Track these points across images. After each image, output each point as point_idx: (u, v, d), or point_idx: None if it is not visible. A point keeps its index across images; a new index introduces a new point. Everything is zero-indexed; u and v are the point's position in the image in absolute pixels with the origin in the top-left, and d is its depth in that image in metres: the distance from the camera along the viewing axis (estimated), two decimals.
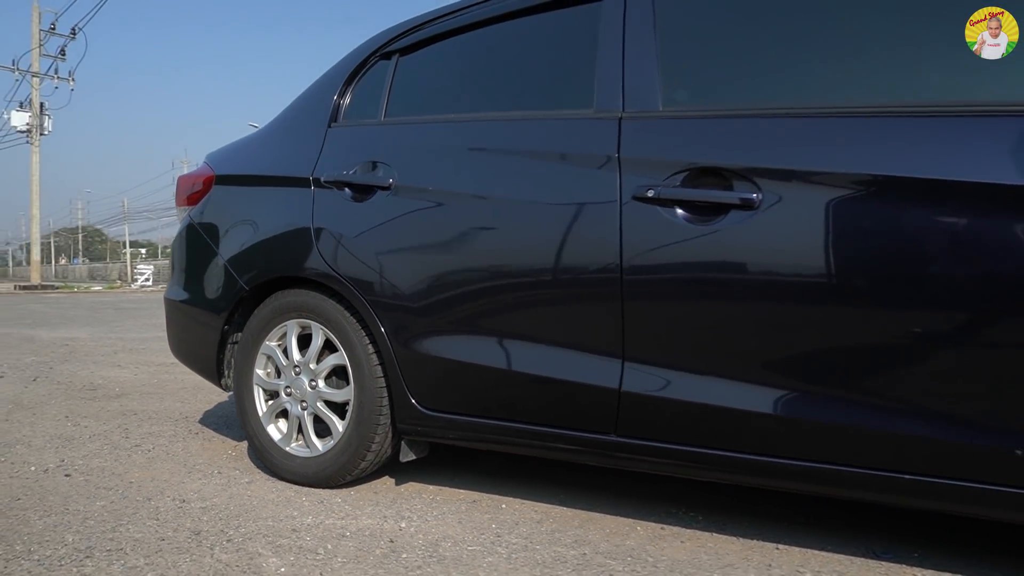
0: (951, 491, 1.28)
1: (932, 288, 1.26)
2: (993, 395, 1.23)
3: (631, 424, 1.55)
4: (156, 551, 1.56)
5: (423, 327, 1.80)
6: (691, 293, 1.47)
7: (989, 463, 1.24)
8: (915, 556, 1.56)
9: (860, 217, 1.32)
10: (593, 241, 1.56)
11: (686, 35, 1.63)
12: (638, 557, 1.55)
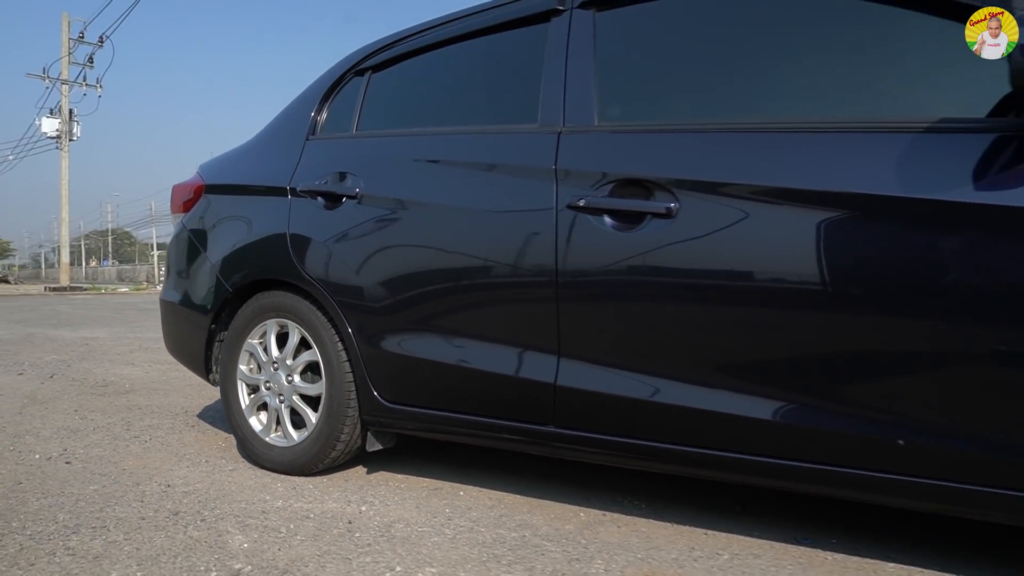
0: (849, 479, 1.38)
1: (827, 289, 1.37)
2: (873, 387, 1.34)
3: (566, 416, 1.68)
4: (136, 528, 1.72)
5: (383, 326, 1.95)
6: (616, 295, 1.59)
7: (877, 453, 1.34)
8: (833, 542, 1.66)
9: (762, 225, 1.43)
10: (532, 247, 1.69)
11: (621, 57, 1.76)
12: (573, 540, 1.68)
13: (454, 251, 1.84)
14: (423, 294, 1.88)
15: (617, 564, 1.53)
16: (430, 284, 1.87)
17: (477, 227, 1.80)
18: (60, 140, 23.32)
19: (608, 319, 1.61)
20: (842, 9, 1.49)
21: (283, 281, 2.19)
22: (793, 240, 1.39)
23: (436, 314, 1.85)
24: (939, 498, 1.32)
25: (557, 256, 1.65)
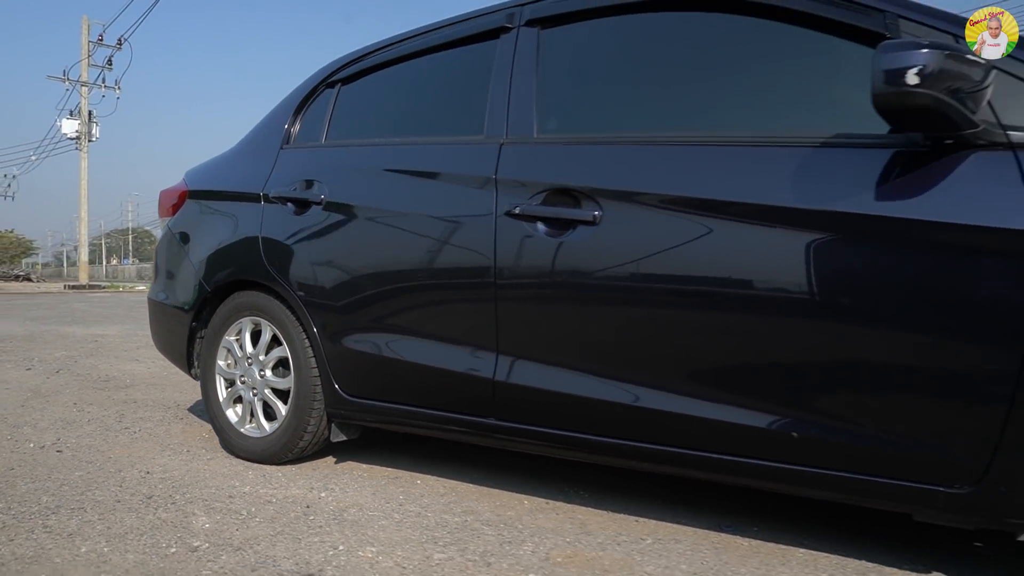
0: (751, 468, 1.49)
1: (728, 290, 1.47)
2: (768, 383, 1.45)
3: (504, 409, 1.80)
4: (111, 510, 1.87)
5: (343, 325, 2.08)
6: (548, 296, 1.71)
7: (776, 443, 1.45)
8: (754, 530, 1.77)
9: (672, 231, 1.54)
10: (475, 252, 1.81)
11: (561, 72, 1.87)
12: (511, 525, 1.80)
13: (406, 255, 1.96)
14: (378, 295, 2.01)
15: (545, 547, 1.65)
16: (384, 285, 2.00)
17: (427, 232, 1.93)
18: (79, 141, 23.81)
19: (541, 319, 1.73)
20: (753, 34, 1.60)
21: (256, 282, 2.33)
22: (698, 246, 1.50)
23: (390, 313, 1.98)
24: (832, 487, 1.42)
25: (495, 260, 1.76)
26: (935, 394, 1.30)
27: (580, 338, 1.67)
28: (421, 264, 1.93)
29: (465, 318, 1.84)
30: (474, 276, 1.81)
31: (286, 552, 1.60)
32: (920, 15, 1.40)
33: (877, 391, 1.35)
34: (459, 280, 1.85)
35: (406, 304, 1.96)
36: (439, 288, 1.90)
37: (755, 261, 1.45)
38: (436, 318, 1.90)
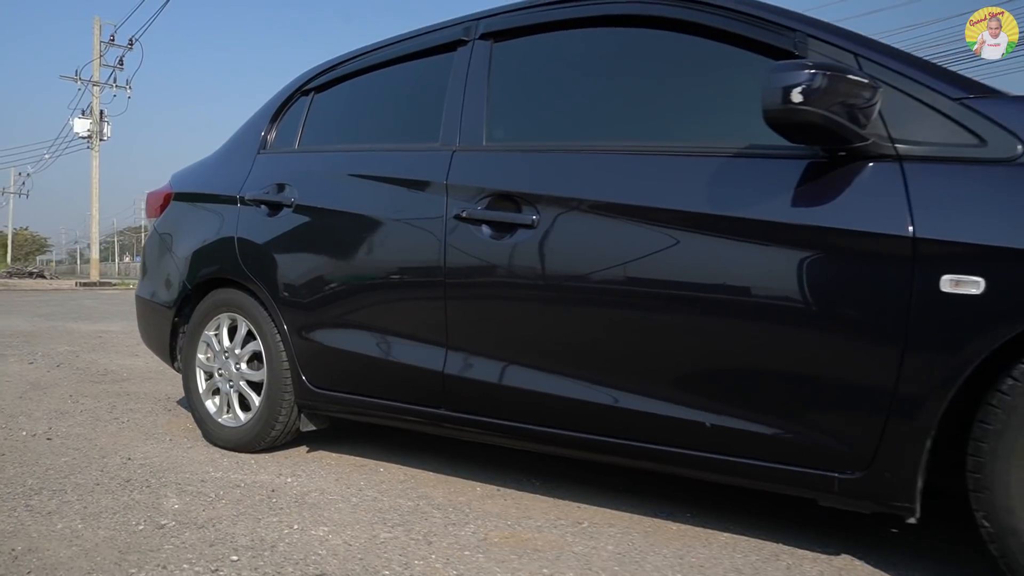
0: (670, 456, 1.60)
1: (652, 290, 1.58)
2: (689, 378, 1.55)
3: (453, 400, 1.91)
4: (89, 492, 2.01)
5: (309, 320, 2.20)
6: (491, 295, 1.83)
7: (692, 433, 1.56)
8: (687, 516, 1.88)
9: (603, 234, 1.65)
10: (427, 253, 1.93)
11: (510, 84, 1.99)
12: (459, 509, 1.91)
13: (366, 255, 2.09)
14: (341, 292, 2.13)
15: (486, 528, 1.77)
16: (346, 284, 2.12)
17: (386, 235, 2.05)
18: (91, 140, 24.14)
19: (485, 316, 1.85)
20: (681, 50, 1.70)
21: (233, 280, 2.46)
22: (623, 249, 1.61)
23: (351, 310, 2.11)
24: (743, 474, 1.52)
25: (445, 261, 1.88)
26: (828, 387, 1.40)
27: (519, 335, 1.79)
28: (379, 264, 2.05)
29: (418, 315, 1.96)
30: (426, 276, 1.93)
31: (245, 530, 1.73)
32: (826, 34, 1.50)
33: (778, 385, 1.45)
34: (413, 279, 1.97)
35: (366, 302, 2.08)
36: (395, 287, 2.02)
37: (674, 264, 1.56)
38: (392, 315, 2.03)
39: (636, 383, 1.62)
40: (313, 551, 1.61)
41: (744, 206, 1.48)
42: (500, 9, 2.06)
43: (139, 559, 1.54)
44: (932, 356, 1.29)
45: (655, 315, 1.58)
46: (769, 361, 1.46)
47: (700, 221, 1.52)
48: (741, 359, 1.49)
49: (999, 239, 1.24)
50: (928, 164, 1.34)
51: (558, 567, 1.54)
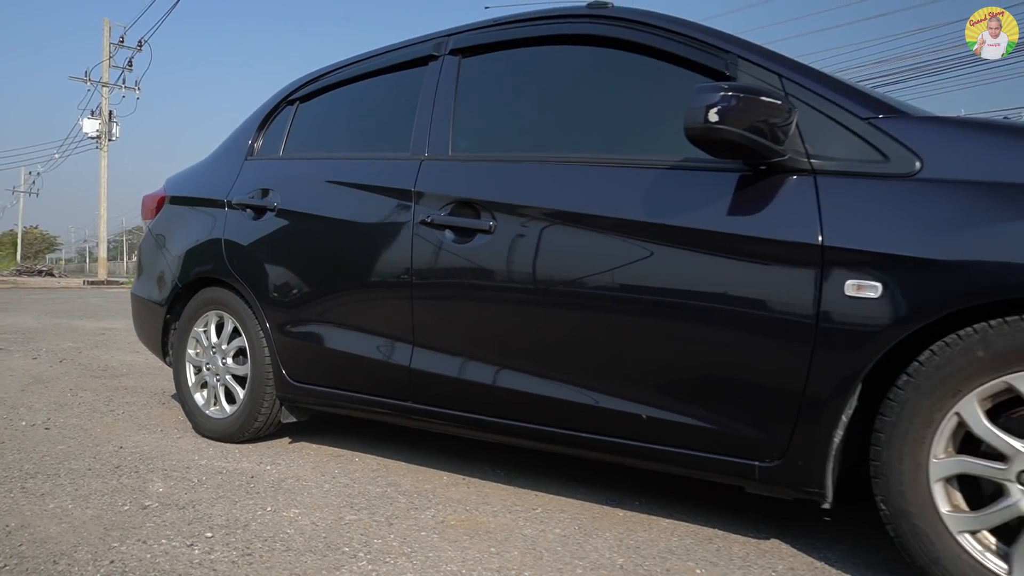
0: (612, 446, 1.73)
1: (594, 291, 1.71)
2: (629, 374, 1.68)
3: (419, 393, 2.05)
4: (81, 476, 2.15)
5: (289, 318, 2.34)
6: (452, 296, 1.96)
7: (629, 424, 1.68)
8: (635, 504, 2.00)
9: (551, 239, 1.78)
10: (396, 256, 2.07)
11: (475, 97, 2.12)
12: (423, 495, 2.05)
13: (341, 258, 2.22)
14: (317, 292, 2.27)
15: (444, 513, 1.90)
16: (322, 284, 2.26)
17: (359, 238, 2.19)
18: (100, 140, 24.41)
19: (447, 315, 1.98)
20: (629, 68, 1.83)
21: (220, 279, 2.60)
22: (570, 252, 1.74)
23: (327, 309, 2.24)
24: (677, 462, 1.65)
25: (412, 264, 2.02)
26: (747, 382, 1.52)
27: (477, 332, 1.92)
28: (353, 266, 2.19)
29: (387, 313, 2.10)
30: (395, 277, 2.06)
31: (222, 511, 1.87)
32: (755, 56, 1.63)
33: (705, 380, 1.58)
34: (383, 280, 2.11)
35: (340, 301, 2.22)
36: (367, 287, 2.16)
37: (613, 269, 1.68)
38: (364, 313, 2.16)
39: (580, 378, 1.75)
40: (282, 530, 1.75)
41: (677, 215, 1.61)
42: (468, 26, 2.19)
43: (121, 535, 1.68)
44: (837, 355, 1.41)
45: (596, 315, 1.71)
46: (697, 358, 1.58)
47: (637, 228, 1.65)
48: (672, 356, 1.62)
49: (894, 248, 1.36)
50: (838, 178, 1.46)
51: (505, 547, 1.67)
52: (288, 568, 1.52)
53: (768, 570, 1.56)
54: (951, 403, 1.31)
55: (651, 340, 1.64)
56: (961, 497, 1.35)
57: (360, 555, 1.60)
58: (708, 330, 1.56)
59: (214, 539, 1.68)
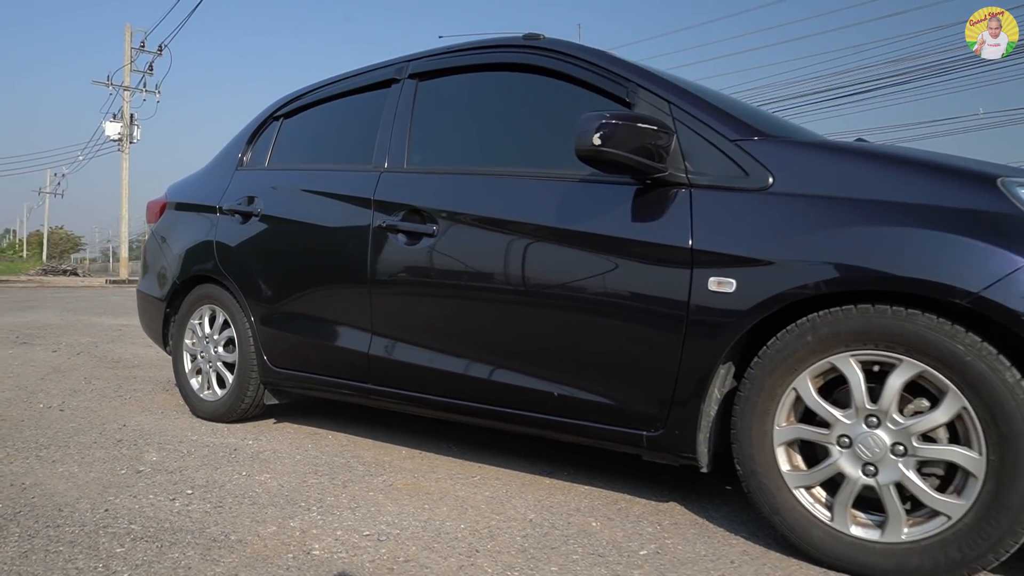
0: (533, 420, 2.00)
1: (517, 286, 1.99)
2: (543, 357, 1.96)
3: (376, 376, 2.34)
4: (87, 448, 2.47)
5: (269, 311, 2.65)
6: (403, 291, 2.25)
7: (543, 401, 1.96)
8: (565, 474, 2.28)
9: (481, 242, 2.06)
10: (358, 256, 2.36)
11: (428, 117, 2.41)
12: (380, 465, 2.34)
13: (312, 258, 2.53)
14: (293, 288, 2.58)
15: (394, 478, 2.19)
16: (296, 281, 2.57)
17: (327, 240, 2.49)
18: (122, 143, 25.07)
19: (399, 308, 2.27)
20: (550, 93, 2.11)
21: (212, 277, 2.91)
22: (497, 254, 2.02)
23: (300, 303, 2.55)
24: (582, 433, 1.92)
25: (370, 263, 2.31)
26: (636, 363, 1.79)
27: (424, 322, 2.21)
28: (323, 265, 2.49)
29: (350, 306, 2.39)
30: (356, 275, 2.36)
31: (203, 475, 2.18)
32: (650, 85, 1.90)
33: (603, 361, 1.85)
34: (347, 278, 2.40)
35: (312, 296, 2.52)
36: (334, 284, 2.46)
37: (531, 267, 1.96)
38: (331, 306, 2.46)
39: (503, 360, 2.03)
40: (252, 489, 2.05)
41: (581, 221, 1.88)
42: (424, 53, 2.49)
43: (116, 491, 1.99)
44: (702, 340, 1.68)
45: (514, 307, 1.99)
46: (596, 342, 1.85)
47: (549, 233, 1.93)
48: (575, 340, 1.89)
49: (745, 250, 1.62)
50: (708, 191, 1.72)
51: (438, 505, 1.96)
52: (251, 516, 1.83)
53: (655, 524, 1.83)
54: (790, 380, 1.58)
55: (559, 327, 1.92)
56: (801, 459, 1.62)
57: (313, 508, 1.90)
58: (605, 319, 1.83)
59: (193, 495, 1.98)
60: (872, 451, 1.49)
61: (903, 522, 1.46)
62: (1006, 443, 1.35)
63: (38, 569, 1.48)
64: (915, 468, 1.46)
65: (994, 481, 1.37)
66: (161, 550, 1.60)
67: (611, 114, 1.69)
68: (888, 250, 1.47)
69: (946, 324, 1.41)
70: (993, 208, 1.43)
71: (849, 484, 1.52)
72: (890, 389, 1.47)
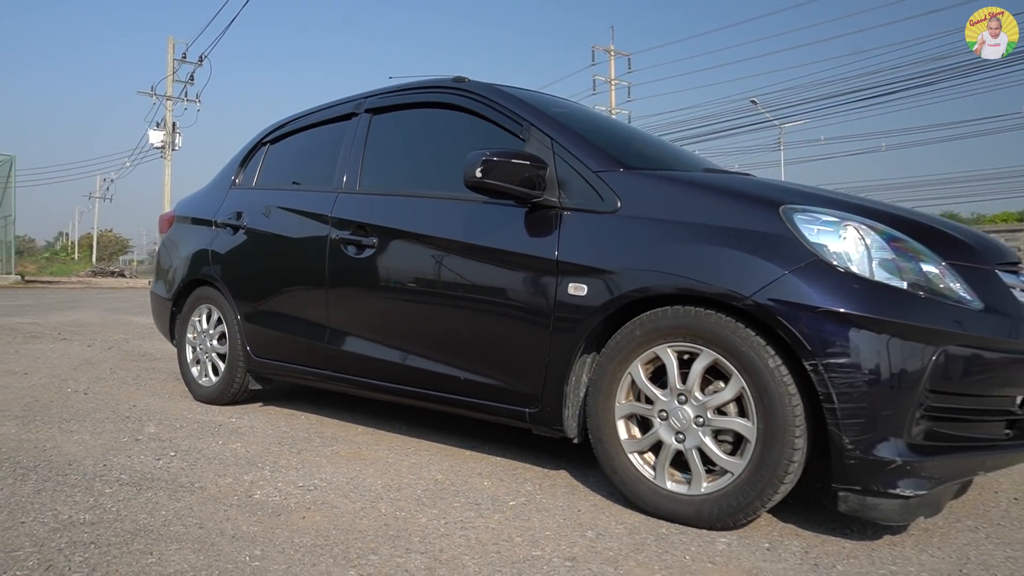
0: (448, 400, 2.43)
1: (432, 288, 2.42)
2: (455, 349, 2.38)
3: (332, 364, 2.80)
4: (100, 422, 2.98)
5: (251, 310, 3.14)
6: (352, 293, 2.70)
7: (455, 384, 2.38)
8: (486, 448, 2.69)
9: (408, 253, 2.50)
10: (318, 264, 2.82)
11: (377, 147, 2.86)
12: (334, 439, 2.79)
13: (283, 264, 3.01)
14: (268, 290, 3.06)
15: (342, 448, 2.64)
16: (271, 284, 3.04)
17: (296, 251, 2.96)
18: (164, 150, 26.29)
19: (349, 307, 2.72)
20: (467, 128, 2.53)
21: (208, 280, 3.42)
22: (420, 262, 2.46)
23: (274, 302, 3.03)
24: (483, 411, 2.33)
25: (327, 270, 2.77)
26: (519, 352, 2.20)
27: (366, 319, 2.66)
28: (291, 271, 2.96)
29: (312, 306, 2.86)
30: (317, 279, 2.82)
31: (187, 442, 2.66)
32: (539, 123, 2.31)
33: (497, 351, 2.26)
34: (310, 282, 2.87)
35: (282, 296, 3.00)
36: (299, 286, 2.93)
37: (444, 273, 2.39)
38: (297, 305, 2.93)
39: (424, 350, 2.46)
40: (223, 454, 2.52)
41: (483, 236, 2.30)
42: (377, 91, 2.94)
43: (115, 453, 2.49)
44: (563, 334, 2.08)
45: (432, 307, 2.42)
46: (491, 335, 2.27)
47: (456, 246, 2.36)
48: (476, 333, 2.31)
49: (594, 262, 2.02)
50: (574, 213, 2.13)
51: (368, 468, 2.39)
52: (215, 472, 2.29)
53: (536, 485, 2.24)
54: (626, 367, 1.97)
55: (464, 323, 2.34)
56: (637, 429, 2.00)
57: (266, 468, 2.36)
58: (497, 317, 2.25)
59: (175, 456, 2.47)
60: (681, 422, 1.87)
61: (703, 479, 1.85)
62: (769, 415, 1.73)
63: (47, 500, 1.97)
64: (712, 435, 1.84)
65: (761, 445, 1.74)
66: (139, 491, 2.07)
67: (491, 151, 2.11)
68: (692, 263, 1.86)
69: (730, 321, 1.79)
70: (771, 230, 1.80)
71: (666, 449, 1.90)
72: (694, 373, 1.86)
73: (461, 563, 1.62)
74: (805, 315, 1.68)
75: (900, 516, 1.67)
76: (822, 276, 1.71)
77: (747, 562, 1.65)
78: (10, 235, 19.94)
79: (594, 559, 1.66)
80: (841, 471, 1.67)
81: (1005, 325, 1.78)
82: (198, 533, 1.76)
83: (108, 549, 1.64)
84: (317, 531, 1.80)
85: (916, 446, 1.66)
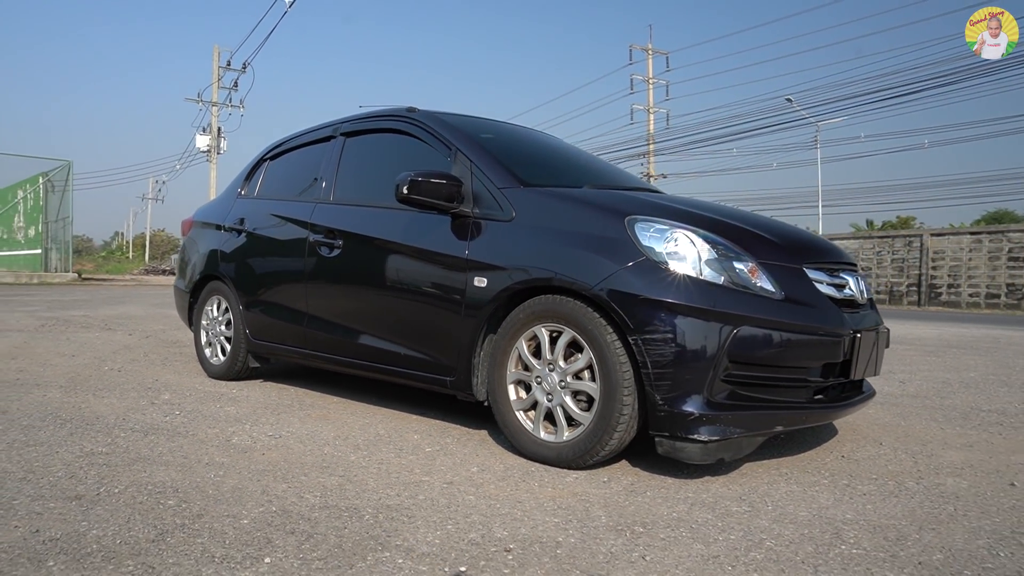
0: (393, 372, 2.99)
1: (382, 281, 2.98)
2: (398, 329, 2.94)
3: (310, 343, 3.39)
4: (126, 391, 3.65)
5: (249, 299, 3.77)
6: (324, 284, 3.30)
7: (395, 357, 2.93)
8: (432, 414, 3.24)
9: (364, 252, 3.07)
10: (299, 262, 3.42)
11: (348, 165, 3.45)
12: (312, 406, 3.38)
13: (272, 261, 3.63)
14: (262, 282, 3.68)
15: (314, 412, 3.23)
16: (264, 277, 3.67)
17: (282, 250, 3.57)
18: (210, 154, 27.64)
19: (321, 295, 3.32)
20: (408, 151, 3.09)
21: (217, 276, 4.06)
22: (373, 259, 3.03)
23: (267, 293, 3.65)
24: (417, 380, 2.88)
25: (306, 266, 3.37)
26: (442, 332, 2.74)
27: (335, 306, 3.24)
28: (279, 266, 3.58)
29: (295, 296, 3.46)
30: (298, 274, 3.42)
31: (192, 406, 3.29)
32: (464, 148, 2.84)
33: (427, 331, 2.81)
34: (293, 276, 3.48)
35: (272, 288, 3.61)
36: (285, 280, 3.54)
37: (388, 268, 2.95)
38: (284, 295, 3.54)
39: (378, 332, 3.04)
40: (216, 413, 3.14)
41: (418, 239, 2.85)
42: (350, 117, 3.53)
43: (133, 412, 3.13)
44: (471, 318, 2.61)
45: (378, 295, 2.99)
46: (422, 318, 2.82)
47: (397, 247, 2.92)
48: (411, 317, 2.87)
49: (493, 260, 2.56)
50: (482, 221, 2.66)
51: (327, 425, 2.97)
52: (207, 425, 2.91)
53: (457, 440, 2.78)
54: (514, 342, 2.50)
55: (404, 309, 2.90)
56: (524, 392, 2.53)
57: (247, 423, 2.96)
58: (426, 304, 2.80)
59: (179, 415, 3.09)
60: (550, 385, 2.39)
61: (564, 430, 2.37)
62: (606, 379, 2.23)
63: (76, 439, 2.61)
64: (571, 395, 2.36)
65: (601, 402, 2.25)
66: (145, 436, 2.70)
67: (416, 172, 2.66)
68: (559, 261, 2.38)
69: (582, 306, 2.30)
70: (617, 235, 2.31)
71: (540, 407, 2.43)
72: (558, 347, 2.38)
73: (365, 482, 2.18)
74: (629, 301, 2.18)
75: (702, 456, 2.16)
76: (647, 272, 2.21)
77: (579, 488, 2.17)
78: (68, 235, 21.36)
79: (467, 484, 2.20)
80: (655, 421, 2.17)
81: (801, 312, 2.25)
82: (182, 461, 2.37)
83: (114, 468, 2.26)
84: (270, 462, 2.38)
85: (715, 403, 2.15)
